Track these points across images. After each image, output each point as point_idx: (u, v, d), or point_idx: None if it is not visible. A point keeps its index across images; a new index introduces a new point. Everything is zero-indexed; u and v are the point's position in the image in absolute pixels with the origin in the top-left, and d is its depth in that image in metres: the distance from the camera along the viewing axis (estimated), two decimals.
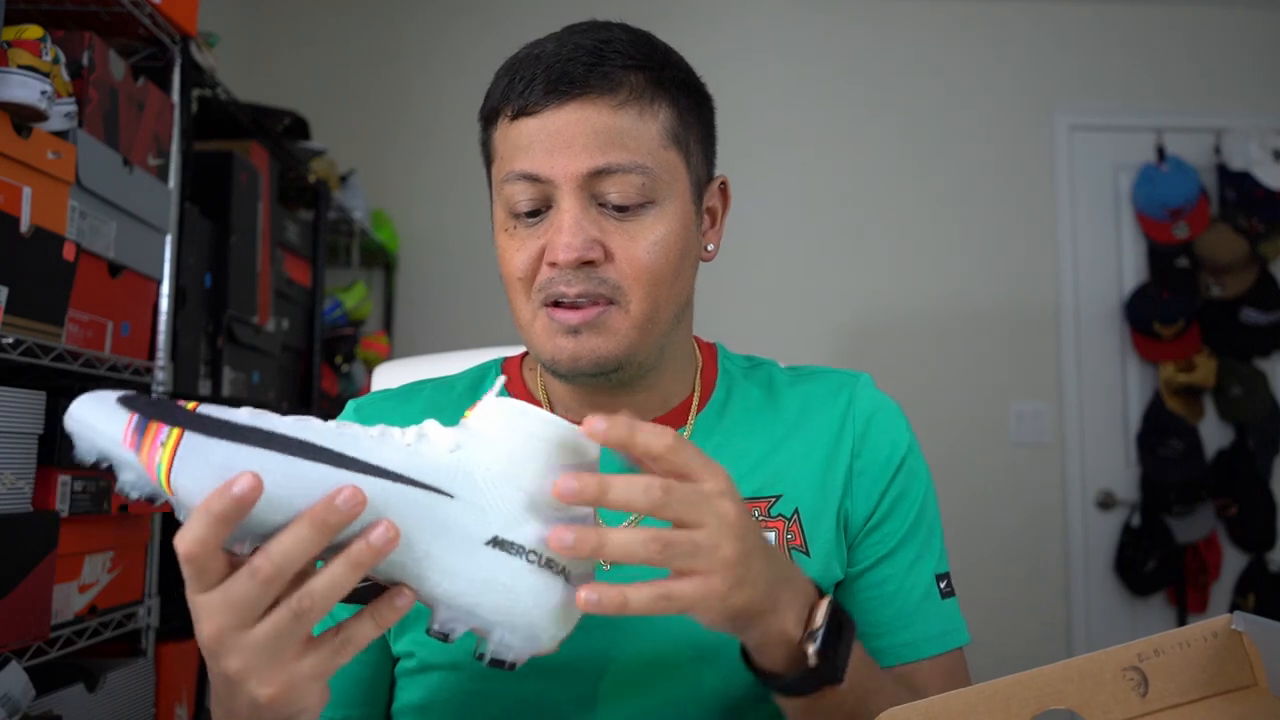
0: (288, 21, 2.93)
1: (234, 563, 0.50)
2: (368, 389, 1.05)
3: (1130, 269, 2.99)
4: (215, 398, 1.74)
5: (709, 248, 0.81)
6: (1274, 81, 3.03)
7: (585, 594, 0.52)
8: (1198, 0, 3.02)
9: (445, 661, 0.75)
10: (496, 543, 0.52)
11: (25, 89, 1.10)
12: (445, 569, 0.51)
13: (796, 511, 0.78)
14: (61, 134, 1.20)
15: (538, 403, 0.82)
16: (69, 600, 1.25)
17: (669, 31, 0.82)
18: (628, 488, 0.53)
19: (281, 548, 0.49)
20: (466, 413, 0.55)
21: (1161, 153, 2.97)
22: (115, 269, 1.37)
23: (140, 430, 0.50)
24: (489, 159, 0.77)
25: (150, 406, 0.50)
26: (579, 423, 0.55)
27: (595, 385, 0.77)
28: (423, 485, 0.51)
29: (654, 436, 0.54)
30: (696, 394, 0.82)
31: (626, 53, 0.72)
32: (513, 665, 0.53)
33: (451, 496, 0.52)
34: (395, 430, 0.53)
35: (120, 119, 1.36)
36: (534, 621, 0.52)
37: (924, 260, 2.95)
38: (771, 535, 0.76)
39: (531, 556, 0.52)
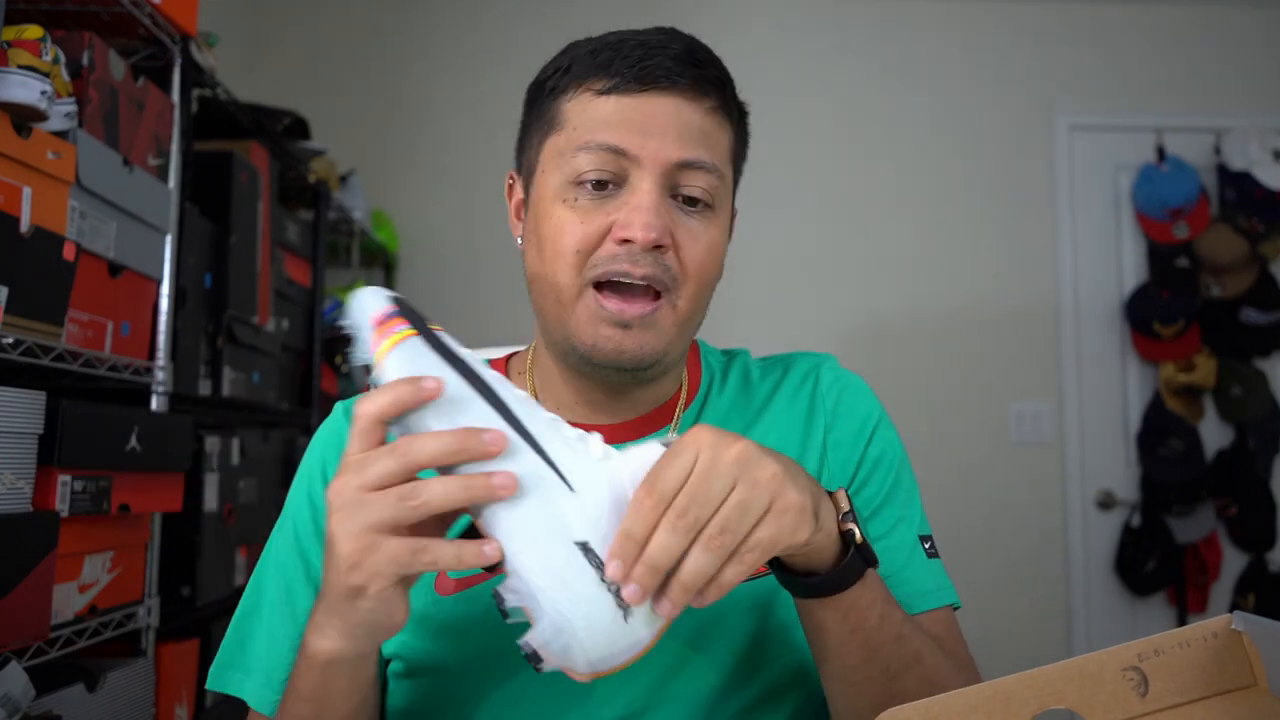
0: (288, 21, 2.93)
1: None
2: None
3: (1130, 269, 2.99)
4: (215, 398, 1.74)
5: None
6: (1274, 81, 3.03)
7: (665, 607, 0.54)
8: (1198, 0, 3.02)
9: (430, 665, 0.75)
10: (585, 548, 0.55)
11: (25, 89, 1.10)
12: (534, 543, 0.55)
13: None
14: (61, 134, 1.20)
15: None
16: (69, 600, 1.25)
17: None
18: (666, 538, 0.54)
19: (424, 440, 0.55)
20: (669, 435, 0.62)
21: (1161, 153, 2.97)
22: (115, 269, 1.37)
23: (389, 316, 0.60)
24: (548, 128, 0.76)
25: (409, 310, 0.60)
26: (577, 425, 0.58)
27: (604, 380, 0.77)
28: (557, 469, 0.56)
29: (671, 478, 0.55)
30: (684, 390, 0.84)
31: (714, 63, 0.75)
32: (541, 666, 0.55)
33: (573, 490, 0.56)
34: (566, 424, 0.59)
35: (120, 119, 1.36)
36: (579, 631, 0.54)
37: (924, 260, 2.95)
38: None
39: (605, 574, 0.55)
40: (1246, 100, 3.02)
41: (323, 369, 2.33)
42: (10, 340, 1.13)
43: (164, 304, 1.51)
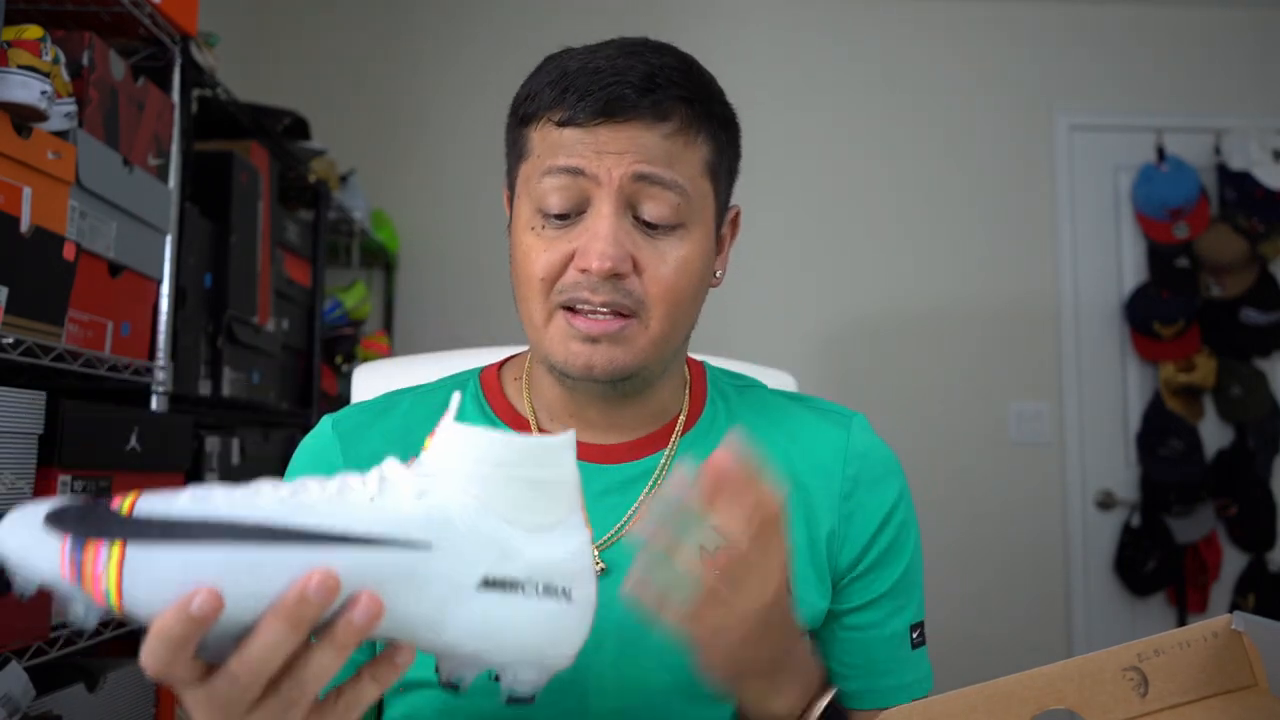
0: (288, 21, 2.93)
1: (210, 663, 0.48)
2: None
3: (1130, 269, 2.99)
4: (215, 398, 1.74)
5: (717, 274, 0.81)
6: (1274, 81, 3.03)
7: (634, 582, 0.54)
8: (1198, 1, 3.02)
9: (427, 679, 0.74)
10: (488, 583, 0.49)
11: (25, 89, 1.10)
12: (440, 624, 0.48)
13: None
14: (61, 134, 1.20)
15: (524, 418, 0.81)
16: None
17: (668, 34, 0.82)
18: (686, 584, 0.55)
19: (258, 650, 0.45)
20: (426, 442, 0.51)
21: (1161, 153, 2.97)
22: (115, 269, 1.37)
23: (78, 553, 0.44)
24: (519, 155, 0.77)
25: (81, 522, 0.45)
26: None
27: (591, 396, 0.77)
28: (395, 543, 0.47)
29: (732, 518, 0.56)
30: (684, 412, 0.83)
31: (678, 82, 0.73)
32: (532, 698, 0.51)
33: (428, 547, 0.48)
34: (354, 480, 0.49)
35: (120, 119, 1.36)
36: (544, 651, 0.50)
37: (924, 260, 2.95)
38: None
39: (528, 588, 0.50)
40: (1246, 100, 3.02)
41: (323, 369, 2.33)
42: (10, 340, 1.13)
43: (164, 304, 1.51)
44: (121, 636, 1.40)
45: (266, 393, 1.97)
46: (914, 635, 0.81)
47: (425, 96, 2.92)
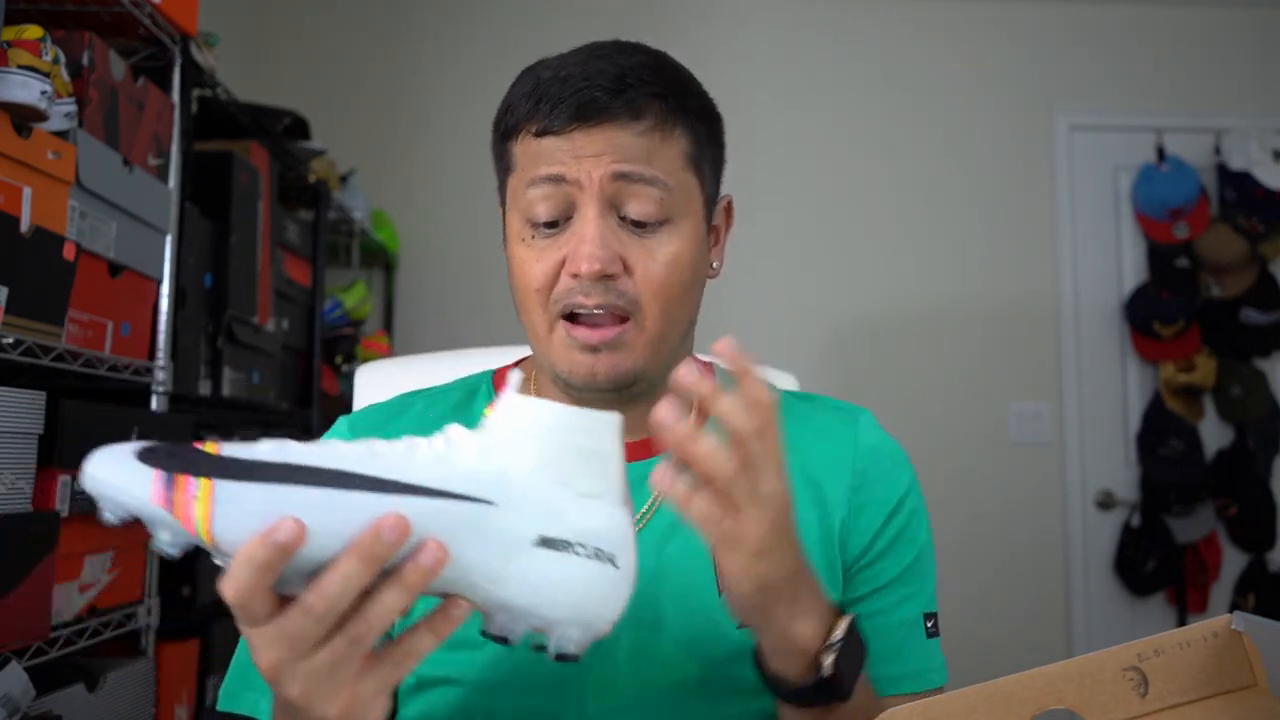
0: (288, 21, 2.93)
1: (283, 597, 0.50)
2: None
3: (1130, 269, 2.99)
4: (215, 398, 1.74)
5: (714, 265, 0.82)
6: (1274, 81, 3.03)
7: (660, 475, 0.55)
8: (1198, 1, 3.02)
9: (442, 677, 0.75)
10: (544, 542, 0.52)
11: (25, 89, 1.10)
12: (497, 576, 0.52)
13: None
14: (61, 134, 1.20)
15: None
16: (69, 600, 1.25)
17: (668, 34, 0.82)
18: (711, 451, 0.56)
19: (333, 584, 0.48)
20: (485, 412, 0.56)
21: (1161, 153, 2.97)
22: (115, 269, 1.37)
23: (168, 485, 0.48)
24: (506, 170, 0.78)
25: (172, 458, 0.48)
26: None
27: (599, 400, 0.77)
28: (462, 497, 0.51)
29: (745, 419, 0.56)
30: (694, 413, 0.83)
31: (649, 80, 0.73)
32: (577, 657, 0.54)
33: (492, 503, 0.52)
34: (421, 441, 0.53)
35: (120, 119, 1.36)
36: (591, 611, 0.53)
37: (924, 260, 2.95)
38: None
39: (580, 549, 0.53)
40: (1246, 100, 3.02)
41: (323, 369, 2.33)
42: (10, 340, 1.13)
43: (164, 304, 1.51)
44: (121, 637, 1.40)
45: (266, 393, 1.97)
46: (928, 625, 0.81)
47: (425, 96, 2.92)
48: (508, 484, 0.52)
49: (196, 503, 0.47)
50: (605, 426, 0.56)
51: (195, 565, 1.60)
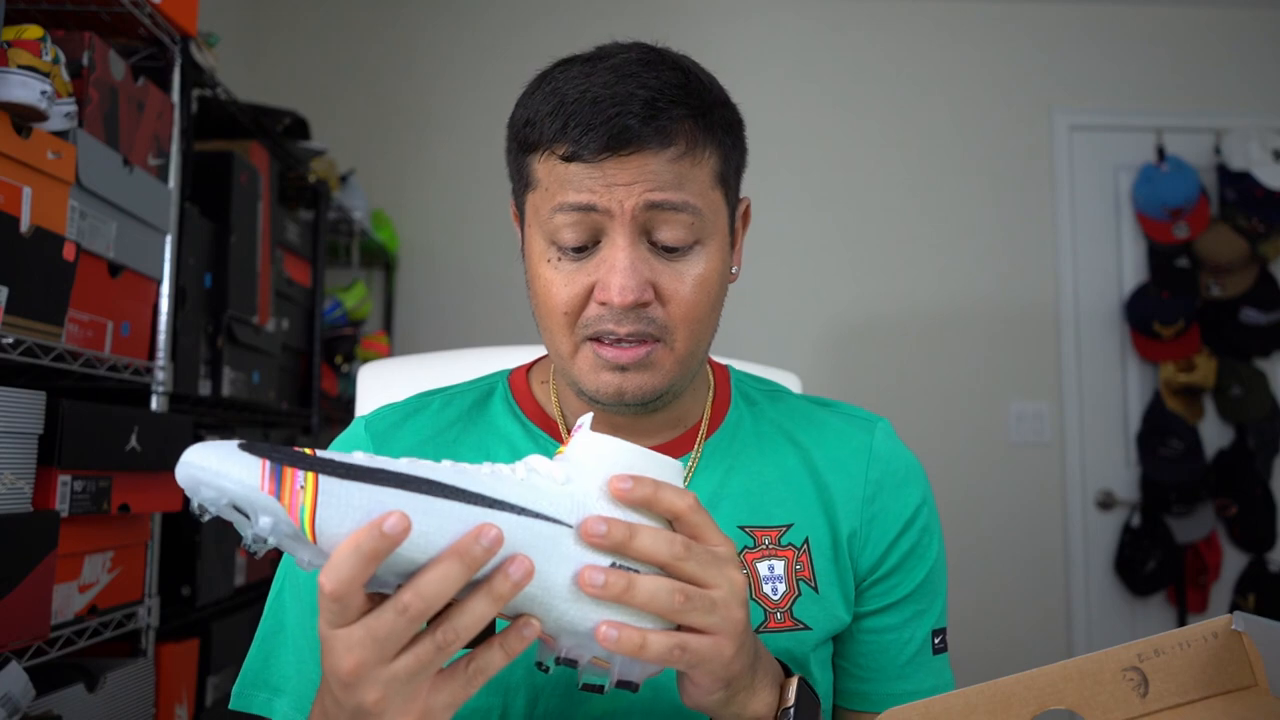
0: (288, 21, 2.93)
1: (371, 599, 0.51)
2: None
3: (1130, 269, 2.99)
4: (215, 398, 1.74)
5: (733, 269, 0.81)
6: (1274, 81, 3.03)
7: (605, 630, 0.53)
8: (1198, 0, 3.02)
9: None
10: (617, 567, 0.54)
11: (25, 89, 1.10)
12: (573, 597, 0.53)
13: (806, 541, 0.78)
14: (61, 134, 1.20)
15: (552, 420, 0.83)
16: (69, 600, 1.25)
17: (669, 32, 0.82)
18: (653, 539, 0.55)
19: (430, 584, 0.49)
20: (560, 449, 0.59)
21: (1161, 153, 2.97)
22: (115, 269, 1.37)
23: (276, 475, 0.49)
24: (526, 184, 0.75)
25: (277, 452, 0.50)
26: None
27: (621, 411, 0.77)
28: (547, 518, 0.53)
29: (677, 497, 0.57)
30: (707, 417, 0.83)
31: (679, 100, 0.71)
32: (636, 686, 0.56)
33: (572, 527, 0.54)
34: (504, 467, 0.56)
35: (120, 119, 1.36)
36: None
37: (924, 260, 2.95)
38: (780, 564, 0.77)
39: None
40: (1246, 100, 3.02)
41: (323, 369, 2.33)
42: (10, 340, 1.13)
43: (164, 304, 1.51)
44: (121, 637, 1.40)
45: (266, 393, 1.97)
46: (935, 641, 0.81)
47: (425, 97, 2.92)
48: (587, 511, 0.55)
49: (303, 494, 0.49)
50: (671, 470, 0.59)
51: (195, 565, 1.60)
